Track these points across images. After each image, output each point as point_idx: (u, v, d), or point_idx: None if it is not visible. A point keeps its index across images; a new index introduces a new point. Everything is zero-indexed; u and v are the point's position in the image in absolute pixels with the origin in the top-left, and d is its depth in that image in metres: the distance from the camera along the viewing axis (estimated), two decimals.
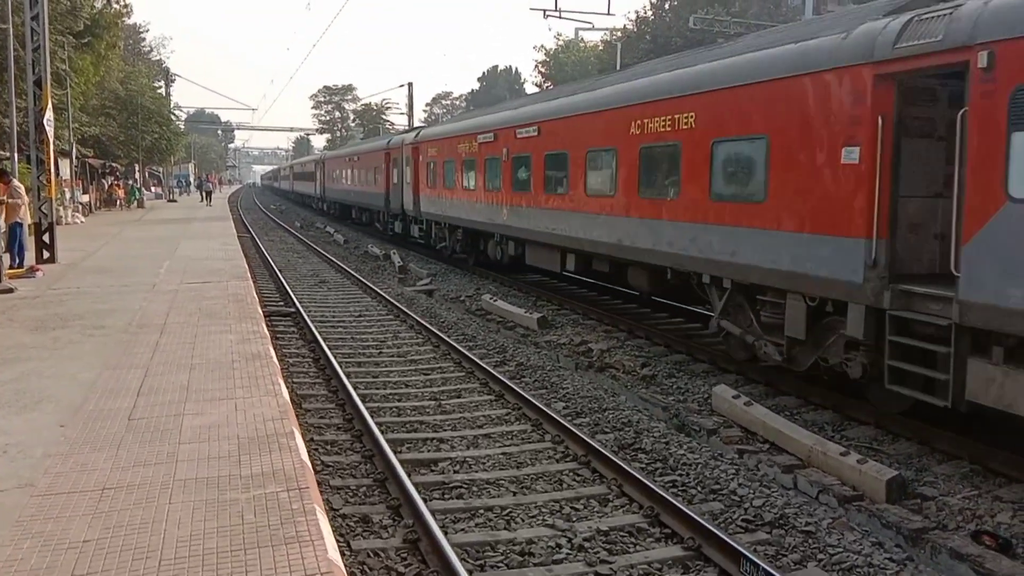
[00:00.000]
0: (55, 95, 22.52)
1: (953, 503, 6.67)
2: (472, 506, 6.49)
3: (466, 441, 8.14)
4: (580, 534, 5.97)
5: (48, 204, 18.01)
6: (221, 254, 20.24)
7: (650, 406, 9.49)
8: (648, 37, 46.99)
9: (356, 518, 6.22)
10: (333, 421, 8.67)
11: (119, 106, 46.10)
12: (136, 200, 47.64)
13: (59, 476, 5.41)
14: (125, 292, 13.58)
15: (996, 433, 7.81)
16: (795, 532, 6.18)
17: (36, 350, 9.20)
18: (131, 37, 61.20)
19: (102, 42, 33.40)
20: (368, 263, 24.81)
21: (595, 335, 13.37)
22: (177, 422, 6.56)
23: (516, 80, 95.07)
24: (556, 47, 60.62)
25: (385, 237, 31.98)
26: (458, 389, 10.11)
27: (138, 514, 4.80)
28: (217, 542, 4.45)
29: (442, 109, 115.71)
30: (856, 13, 9.10)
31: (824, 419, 8.99)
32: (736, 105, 10.04)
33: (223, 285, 14.52)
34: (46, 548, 4.37)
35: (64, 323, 10.81)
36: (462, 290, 18.71)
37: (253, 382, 7.84)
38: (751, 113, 9.76)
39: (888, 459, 7.65)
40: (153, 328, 10.46)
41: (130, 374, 8.11)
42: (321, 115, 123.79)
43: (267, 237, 33.55)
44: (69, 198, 32.17)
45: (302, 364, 11.17)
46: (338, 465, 7.35)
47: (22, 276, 15.45)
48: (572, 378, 10.62)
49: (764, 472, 7.43)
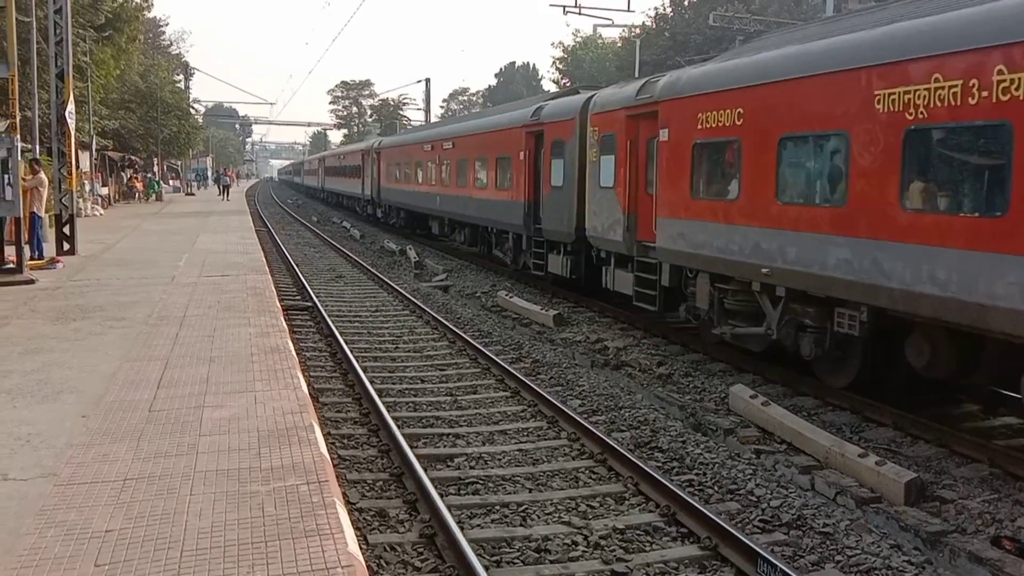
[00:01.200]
0: (76, 88, 22.69)
1: (972, 506, 6.62)
2: (488, 502, 6.50)
3: (482, 437, 8.16)
4: (596, 532, 5.97)
5: (69, 196, 18.18)
6: (239, 247, 20.37)
7: (666, 405, 9.48)
8: (667, 34, 46.79)
9: (373, 512, 6.25)
10: (350, 415, 8.71)
11: (139, 99, 46.42)
12: (155, 193, 47.98)
13: (81, 466, 5.47)
14: (145, 284, 13.69)
15: (1017, 435, 7.75)
16: (813, 533, 6.15)
17: (57, 341, 9.30)
18: (151, 31, 61.61)
19: (123, 35, 33.59)
20: (384, 258, 24.89)
21: (611, 333, 13.36)
22: (197, 414, 6.61)
23: (534, 76, 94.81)
24: (574, 43, 60.45)
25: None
26: (474, 385, 10.13)
27: (159, 505, 4.85)
28: (238, 533, 4.49)
29: (459, 105, 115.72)
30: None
31: (842, 420, 8.94)
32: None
33: (241, 278, 14.61)
34: (69, 537, 4.42)
35: (85, 314, 10.92)
36: (478, 286, 18.73)
37: (272, 375, 7.89)
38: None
39: (907, 461, 7.60)
40: (173, 320, 10.55)
41: (150, 366, 8.18)
42: (339, 110, 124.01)
43: (284, 231, 33.70)
44: (89, 190, 32.43)
45: (319, 358, 11.23)
46: (355, 459, 7.39)
47: (43, 267, 15.60)
48: (588, 376, 10.61)
49: (781, 473, 7.40)
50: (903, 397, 9.01)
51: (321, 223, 40.44)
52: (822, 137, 9.12)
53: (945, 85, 7.36)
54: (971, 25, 7.31)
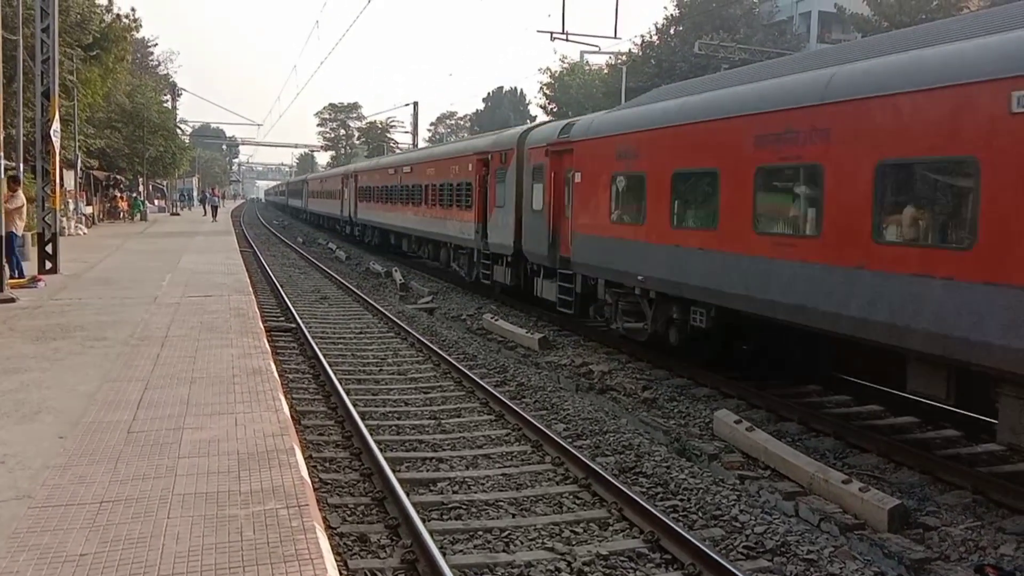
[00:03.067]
0: (62, 106, 22.62)
1: (956, 533, 6.61)
2: (471, 527, 6.44)
3: (465, 461, 8.09)
4: (580, 558, 5.91)
5: (52, 215, 18.04)
6: (223, 268, 20.25)
7: (651, 430, 9.45)
8: (653, 61, 47.30)
9: (354, 537, 6.17)
10: (332, 438, 8.63)
11: (125, 119, 46.30)
12: (139, 213, 47.75)
13: (57, 488, 5.37)
14: (127, 304, 13.57)
15: (999, 462, 7.77)
16: (797, 560, 6.12)
17: (36, 360, 9.18)
18: (139, 51, 61.57)
19: (110, 55, 33.58)
20: (369, 280, 24.82)
21: (596, 357, 13.34)
22: (177, 436, 6.52)
23: (521, 101, 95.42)
24: (561, 70, 60.92)
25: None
26: (458, 408, 10.07)
27: (136, 528, 4.76)
28: (216, 558, 4.41)
29: (447, 128, 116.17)
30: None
31: (826, 446, 8.94)
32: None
33: (225, 299, 14.52)
34: (42, 561, 4.33)
35: (65, 334, 10.79)
36: (463, 309, 18.69)
37: (253, 397, 7.81)
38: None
39: (890, 488, 7.60)
40: (154, 341, 10.44)
41: (130, 386, 8.08)
42: (326, 132, 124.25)
43: (269, 252, 33.58)
44: (73, 209, 32.23)
45: (302, 380, 11.13)
46: (336, 483, 7.30)
47: (24, 286, 15.44)
48: (573, 400, 10.57)
49: (766, 499, 7.37)
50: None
51: (307, 244, 40.34)
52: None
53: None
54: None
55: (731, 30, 44.52)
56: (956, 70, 7.35)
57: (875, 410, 10.02)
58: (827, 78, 8.90)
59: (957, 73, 7.32)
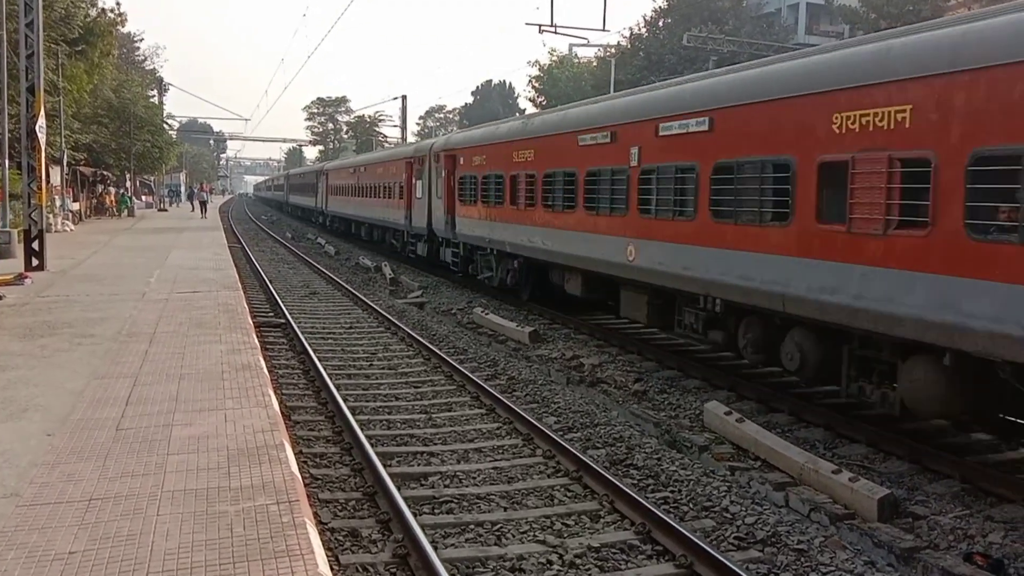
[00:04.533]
0: (48, 102, 22.44)
1: (945, 522, 6.66)
2: (462, 521, 6.44)
3: (456, 455, 8.09)
4: (571, 550, 5.92)
5: (38, 211, 17.91)
6: (212, 264, 20.16)
7: (642, 422, 9.47)
8: (642, 54, 47.28)
9: (345, 532, 6.16)
10: (322, 433, 8.61)
11: (111, 114, 45.95)
12: (126, 209, 47.46)
13: (45, 486, 5.34)
14: (115, 301, 13.49)
15: (988, 451, 7.82)
16: (787, 550, 6.15)
17: (24, 358, 9.12)
18: (125, 46, 61.06)
19: (96, 50, 33.26)
20: (359, 275, 24.76)
21: (587, 350, 13.35)
22: (166, 433, 6.49)
23: (510, 95, 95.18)
24: (550, 63, 60.81)
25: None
26: (449, 402, 10.06)
27: (125, 526, 4.74)
28: (206, 555, 4.40)
29: (435, 123, 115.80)
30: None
31: (816, 437, 8.98)
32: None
33: (213, 295, 14.45)
34: (31, 560, 4.30)
35: (52, 331, 10.72)
36: (453, 303, 18.67)
37: (243, 393, 7.78)
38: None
39: (880, 477, 7.64)
40: (142, 337, 10.38)
41: (119, 383, 8.03)
42: (314, 126, 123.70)
43: (258, 248, 33.45)
44: (59, 206, 32.00)
45: (292, 376, 11.10)
46: (327, 478, 7.29)
47: (11, 283, 15.33)
48: (563, 393, 10.58)
49: (756, 489, 7.40)
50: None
51: (295, 239, 40.20)
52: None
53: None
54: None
55: (719, 22, 44.57)
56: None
57: (864, 400, 10.04)
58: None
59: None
